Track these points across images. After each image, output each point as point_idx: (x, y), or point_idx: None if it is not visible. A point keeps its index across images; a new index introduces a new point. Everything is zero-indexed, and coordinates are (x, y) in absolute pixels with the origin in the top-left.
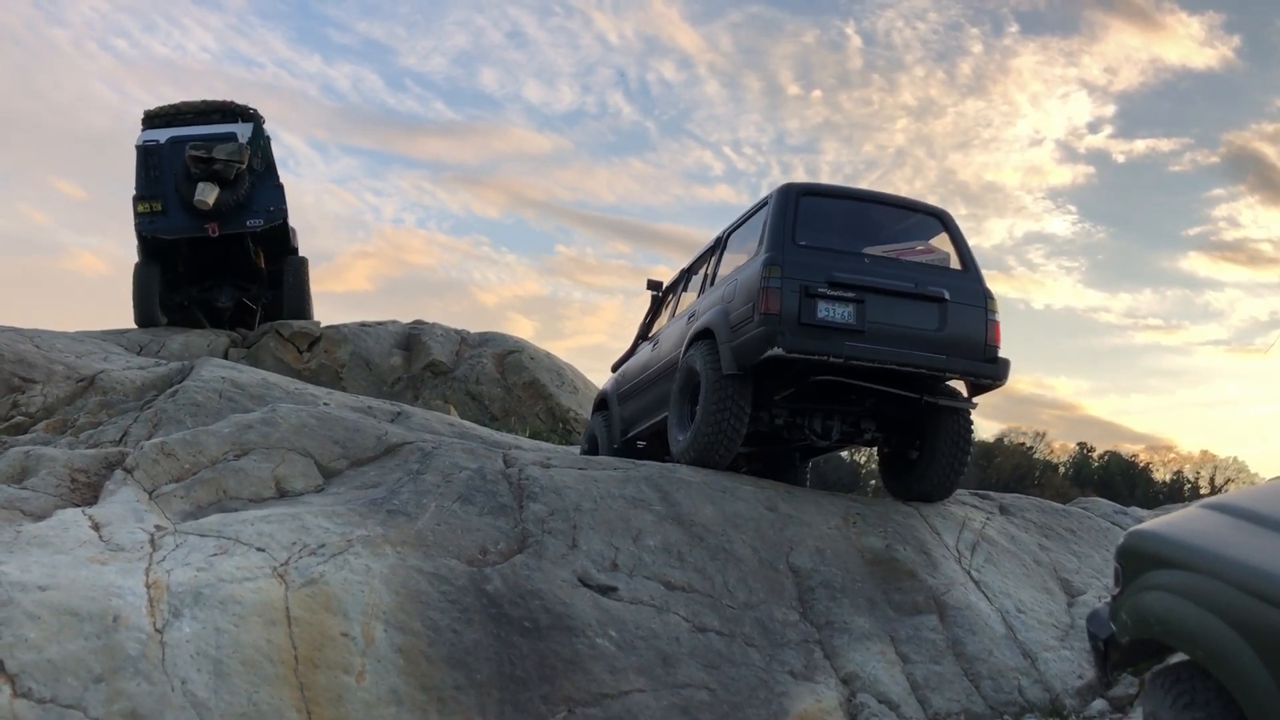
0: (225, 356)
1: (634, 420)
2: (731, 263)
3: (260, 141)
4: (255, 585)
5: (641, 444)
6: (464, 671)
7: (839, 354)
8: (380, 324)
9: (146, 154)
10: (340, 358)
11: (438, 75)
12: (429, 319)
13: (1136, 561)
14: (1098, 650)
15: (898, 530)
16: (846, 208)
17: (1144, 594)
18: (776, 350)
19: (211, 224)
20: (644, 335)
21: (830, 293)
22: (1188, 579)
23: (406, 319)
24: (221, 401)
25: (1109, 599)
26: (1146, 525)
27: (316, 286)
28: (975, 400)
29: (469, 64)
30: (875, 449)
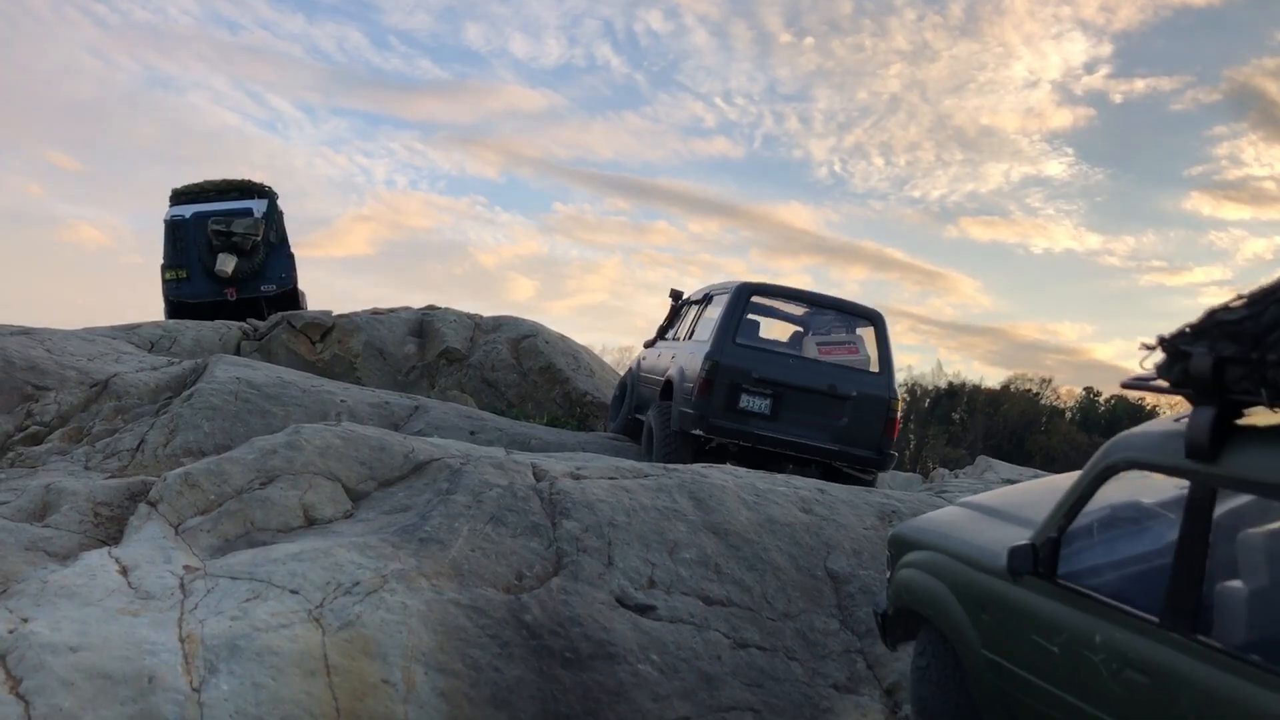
0: (237, 351)
1: (637, 408)
2: (706, 321)
3: (274, 216)
4: (291, 633)
5: None
6: (508, 712)
7: (748, 439)
8: (392, 311)
9: (174, 228)
10: (354, 348)
11: (422, 32)
12: (431, 284)
13: (898, 547)
14: (878, 623)
15: None
16: (795, 302)
17: (901, 571)
18: (699, 431)
19: (230, 289)
20: (660, 335)
21: (753, 388)
22: (926, 556)
23: (409, 285)
24: (238, 403)
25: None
26: (909, 521)
27: (318, 252)
28: (871, 475)
29: (453, 20)
30: None
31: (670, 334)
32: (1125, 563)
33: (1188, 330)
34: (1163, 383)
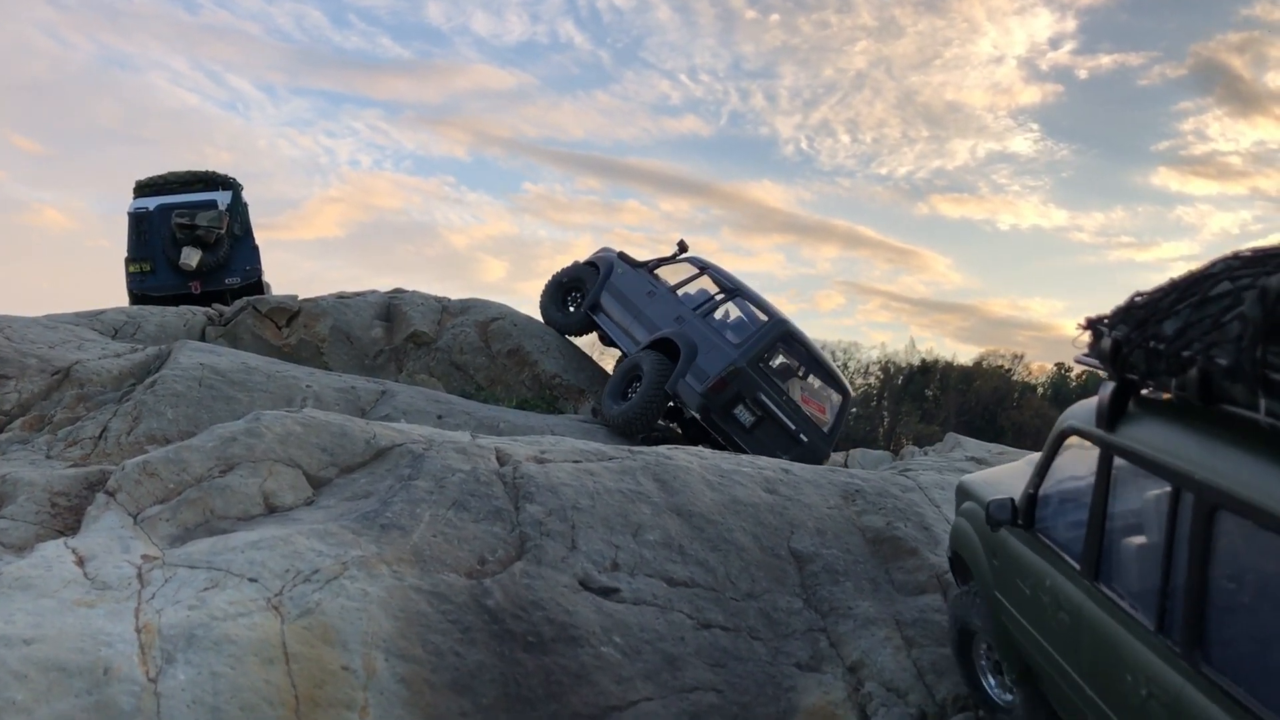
0: (202, 337)
1: (598, 307)
2: (729, 315)
3: (238, 208)
4: (250, 621)
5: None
6: (469, 697)
7: (725, 435)
8: (359, 295)
9: (138, 220)
10: (320, 332)
11: (382, 9)
12: (402, 265)
13: (959, 497)
14: (952, 566)
15: (897, 506)
16: (806, 353)
17: (957, 518)
18: (694, 414)
19: (195, 282)
20: (652, 269)
21: (750, 404)
22: (969, 506)
23: (379, 267)
24: (202, 390)
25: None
26: (966, 476)
27: (287, 234)
28: None
29: None
30: None
31: (661, 276)
32: (1074, 518)
33: (1110, 314)
34: (1094, 360)
